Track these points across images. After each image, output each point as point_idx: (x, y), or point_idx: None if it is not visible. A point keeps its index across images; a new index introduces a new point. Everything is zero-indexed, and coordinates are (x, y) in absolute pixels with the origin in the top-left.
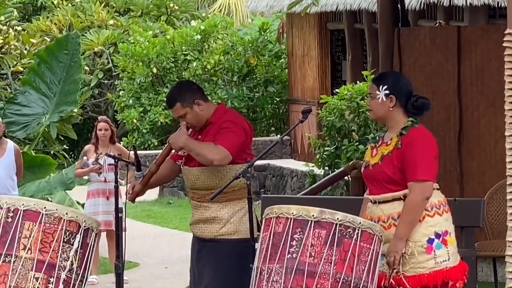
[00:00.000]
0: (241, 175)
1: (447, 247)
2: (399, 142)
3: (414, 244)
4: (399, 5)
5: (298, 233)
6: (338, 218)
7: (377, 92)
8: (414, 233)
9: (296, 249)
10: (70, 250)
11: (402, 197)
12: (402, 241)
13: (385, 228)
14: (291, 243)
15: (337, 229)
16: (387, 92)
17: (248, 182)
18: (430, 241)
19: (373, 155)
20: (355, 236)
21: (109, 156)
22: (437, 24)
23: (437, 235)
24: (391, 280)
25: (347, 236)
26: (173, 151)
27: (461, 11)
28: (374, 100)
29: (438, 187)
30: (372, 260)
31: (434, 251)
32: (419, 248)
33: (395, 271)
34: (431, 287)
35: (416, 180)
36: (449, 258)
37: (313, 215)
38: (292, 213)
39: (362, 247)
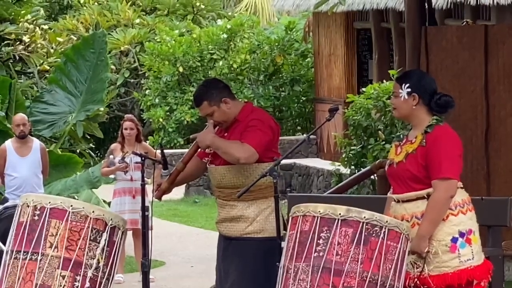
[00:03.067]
0: (268, 174)
1: (471, 246)
2: (424, 140)
3: (438, 243)
4: (426, 4)
5: (325, 232)
6: (365, 217)
7: (400, 90)
8: (437, 232)
9: (323, 247)
10: (96, 248)
11: (425, 196)
12: (425, 239)
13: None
14: (318, 241)
15: (364, 227)
16: (409, 90)
17: (274, 181)
18: (454, 240)
19: (397, 153)
20: (382, 235)
21: (136, 154)
22: (464, 23)
23: (461, 234)
24: (416, 279)
25: (374, 234)
26: (200, 149)
27: (488, 10)
28: (397, 98)
29: (462, 185)
30: (399, 259)
31: (458, 250)
32: (443, 247)
33: (419, 270)
34: (456, 286)
35: (440, 178)
36: (473, 257)
37: (340, 214)
38: (319, 211)
39: (389, 245)
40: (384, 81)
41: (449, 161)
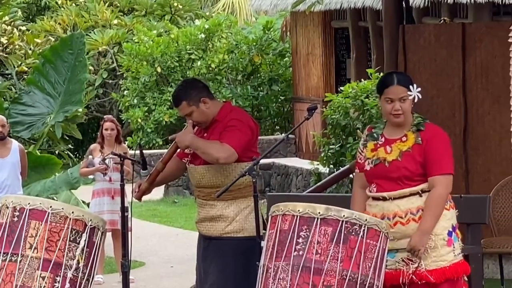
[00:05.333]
0: (247, 173)
1: (459, 241)
2: (419, 138)
3: (437, 237)
4: (403, 3)
5: (304, 231)
6: (344, 215)
7: (409, 93)
8: (436, 226)
9: (303, 246)
10: (76, 249)
11: (420, 192)
12: (427, 235)
13: (403, 224)
14: (298, 240)
15: (343, 226)
16: (420, 89)
17: (253, 180)
18: (450, 233)
19: (388, 152)
20: (361, 233)
21: (115, 154)
22: (441, 21)
23: (453, 228)
24: (412, 275)
25: (353, 233)
26: (179, 149)
27: (465, 8)
28: (406, 101)
29: None
30: (379, 257)
31: (453, 244)
32: (441, 241)
33: (415, 265)
34: (453, 279)
35: (442, 174)
36: (461, 251)
37: (319, 212)
38: (298, 210)
39: (368, 244)
40: (362, 80)
41: (448, 157)
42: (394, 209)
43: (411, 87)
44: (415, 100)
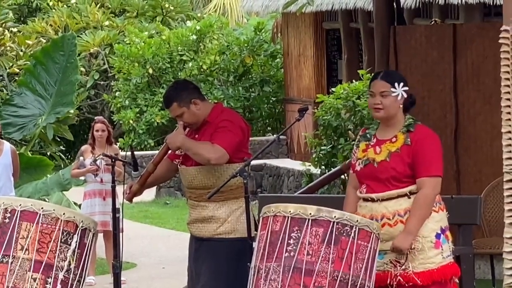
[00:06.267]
0: (238, 174)
1: (449, 242)
2: (408, 139)
3: (424, 239)
4: (394, 4)
5: (296, 232)
6: (335, 216)
7: (392, 89)
8: (423, 228)
9: (294, 247)
10: (67, 251)
11: (408, 193)
12: (412, 236)
13: (391, 226)
14: (289, 241)
15: (335, 227)
16: (406, 89)
17: (245, 181)
18: (438, 236)
19: (377, 152)
20: (352, 234)
21: (106, 156)
22: (432, 22)
23: (442, 230)
24: (399, 277)
25: (344, 234)
26: (170, 150)
27: (456, 9)
28: (388, 97)
29: None
30: (370, 258)
31: (441, 246)
32: (429, 243)
33: (402, 267)
34: (441, 282)
35: (430, 176)
36: (451, 253)
37: (310, 213)
38: (290, 211)
39: (359, 245)
40: (354, 81)
41: (437, 159)
42: (382, 211)
43: (396, 84)
44: (399, 98)
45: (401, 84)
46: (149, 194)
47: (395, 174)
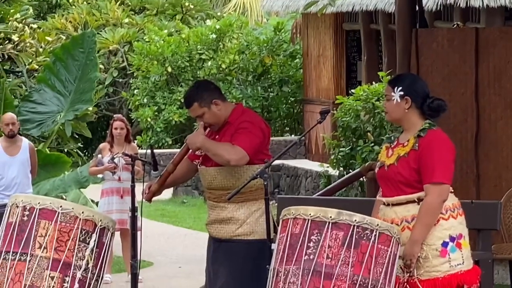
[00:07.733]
0: (259, 176)
1: (461, 251)
2: (416, 144)
3: (429, 247)
4: (416, 6)
5: (316, 235)
6: (355, 220)
7: (392, 93)
8: (428, 236)
9: (313, 250)
10: (86, 249)
11: (416, 200)
12: (418, 244)
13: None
14: (309, 244)
15: (355, 230)
16: (401, 93)
17: (265, 183)
18: (445, 244)
19: (389, 156)
20: (372, 238)
21: (126, 155)
22: (454, 26)
23: (452, 239)
24: (406, 284)
25: (364, 238)
26: (190, 150)
27: (477, 12)
28: (389, 102)
29: (452, 190)
30: (390, 263)
31: (449, 255)
32: (434, 251)
33: (409, 274)
34: None
35: (433, 183)
36: (463, 262)
37: (330, 217)
38: (310, 214)
39: (379, 249)
40: (373, 82)
41: (442, 166)
42: (392, 216)
43: (395, 88)
44: (394, 103)
45: (399, 88)
46: (166, 193)
47: (402, 179)
